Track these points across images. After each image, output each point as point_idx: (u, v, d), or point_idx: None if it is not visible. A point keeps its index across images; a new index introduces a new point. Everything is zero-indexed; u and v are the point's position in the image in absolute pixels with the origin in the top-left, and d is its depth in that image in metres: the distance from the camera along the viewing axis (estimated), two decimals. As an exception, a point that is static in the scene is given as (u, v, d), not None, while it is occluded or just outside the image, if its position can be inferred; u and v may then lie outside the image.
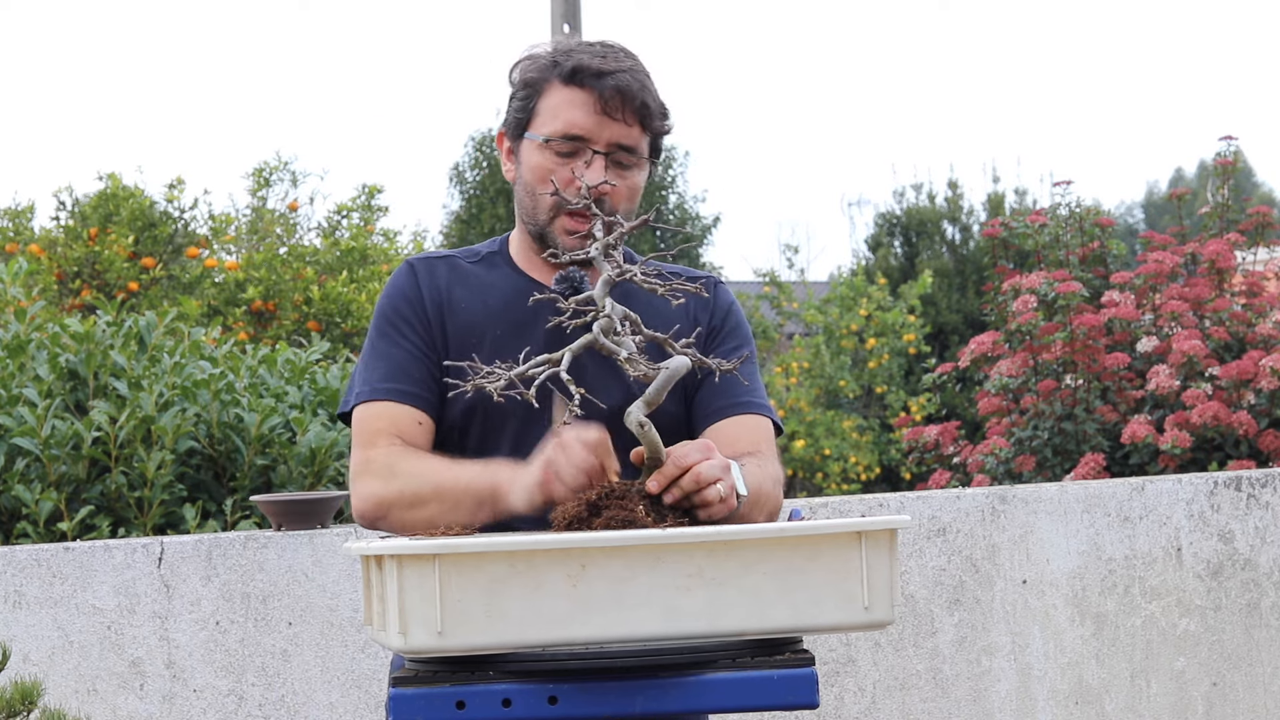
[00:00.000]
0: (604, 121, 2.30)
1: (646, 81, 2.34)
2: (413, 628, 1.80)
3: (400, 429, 2.31)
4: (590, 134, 2.31)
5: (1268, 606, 4.18)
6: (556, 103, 2.32)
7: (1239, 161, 6.50)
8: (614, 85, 2.29)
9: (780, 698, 1.88)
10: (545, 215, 2.34)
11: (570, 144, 2.31)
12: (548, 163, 2.33)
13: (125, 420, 4.31)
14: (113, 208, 10.52)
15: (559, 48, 2.36)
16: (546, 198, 2.33)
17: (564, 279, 2.32)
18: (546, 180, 2.32)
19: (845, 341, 14.98)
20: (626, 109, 2.30)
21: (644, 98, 2.32)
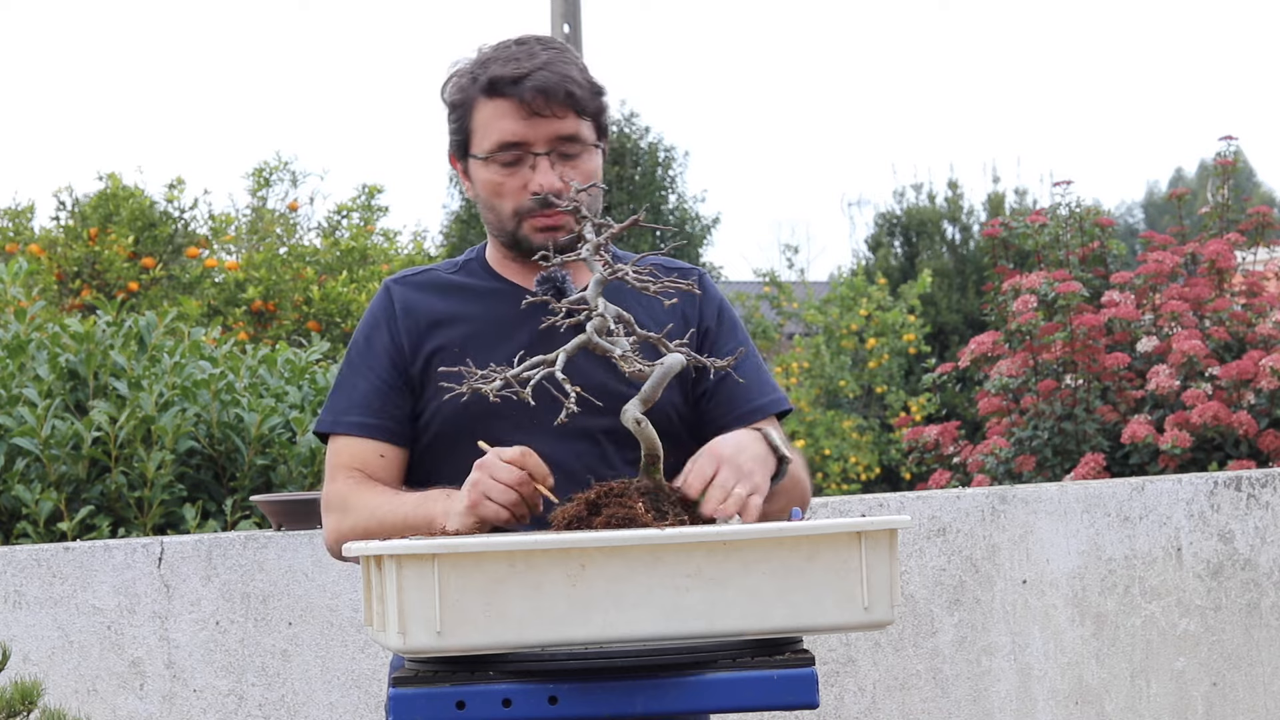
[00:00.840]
0: (535, 122, 2.30)
1: (567, 70, 2.32)
2: (412, 628, 1.80)
3: (361, 462, 2.34)
4: (526, 138, 2.31)
5: (1268, 606, 4.18)
6: (485, 118, 2.33)
7: (1239, 161, 6.50)
8: (533, 86, 2.29)
9: (780, 698, 1.88)
10: (511, 224, 2.35)
11: (511, 153, 2.32)
12: (496, 176, 2.33)
13: (125, 420, 4.31)
14: (113, 208, 10.53)
15: (477, 60, 2.36)
16: (506, 209, 2.34)
17: (546, 280, 2.32)
18: (501, 194, 2.34)
19: (845, 341, 14.98)
20: (553, 104, 2.30)
21: (567, 88, 2.31)
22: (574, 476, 2.26)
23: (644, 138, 19.07)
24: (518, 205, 2.33)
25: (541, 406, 2.25)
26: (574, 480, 2.25)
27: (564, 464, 2.26)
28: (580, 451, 2.30)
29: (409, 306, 2.38)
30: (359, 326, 2.44)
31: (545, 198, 2.31)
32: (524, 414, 2.26)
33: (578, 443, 2.29)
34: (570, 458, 2.28)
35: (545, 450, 2.24)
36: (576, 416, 2.26)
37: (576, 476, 2.26)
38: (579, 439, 2.29)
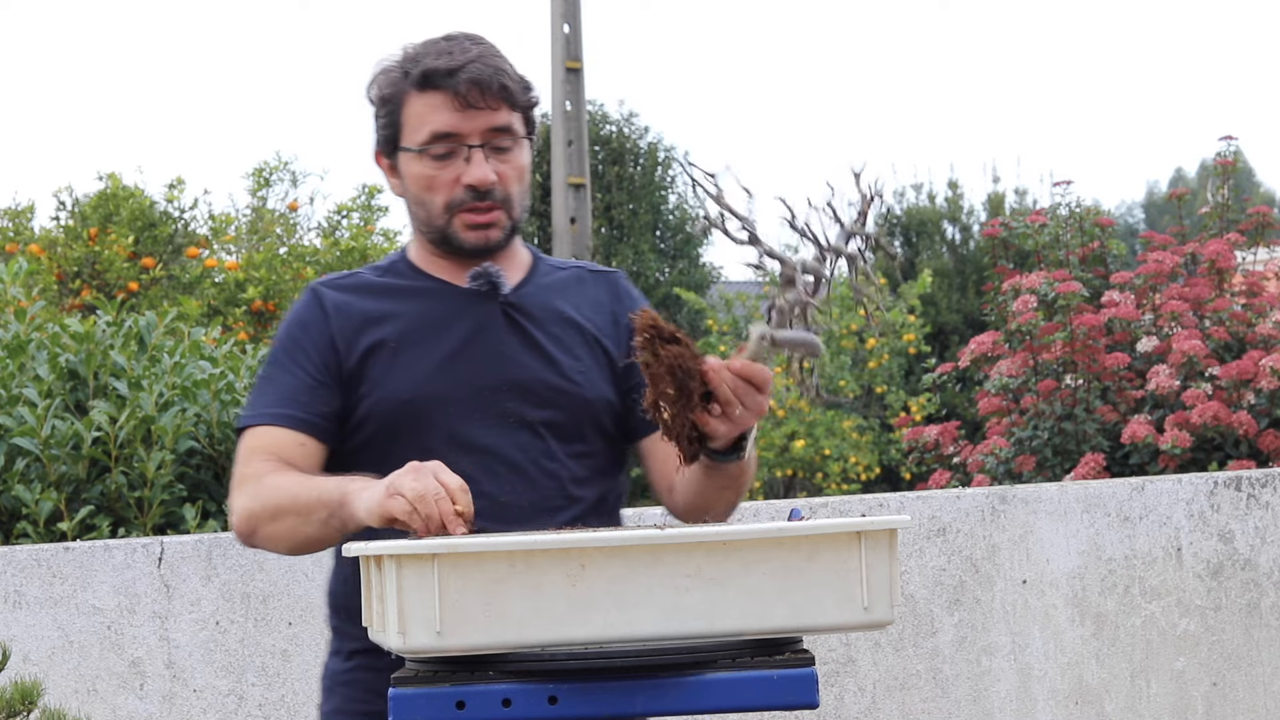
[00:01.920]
0: (469, 115, 2.28)
1: (499, 63, 2.32)
2: (412, 628, 1.80)
3: (279, 450, 2.29)
4: (460, 130, 2.29)
5: (1268, 606, 4.18)
6: (418, 111, 2.30)
7: (1239, 161, 6.50)
8: (468, 78, 2.28)
9: (780, 698, 1.88)
10: (441, 219, 2.33)
11: (444, 145, 2.29)
12: (428, 170, 2.31)
13: (125, 420, 4.31)
14: (113, 208, 10.53)
15: (406, 56, 2.34)
16: (437, 203, 2.32)
17: (480, 274, 2.32)
18: (432, 187, 2.31)
19: (845, 341, 14.98)
20: (488, 96, 2.29)
21: (501, 80, 2.30)
22: (517, 468, 2.29)
23: (644, 138, 19.08)
24: (449, 199, 2.30)
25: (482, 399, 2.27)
26: (517, 471, 2.29)
27: (507, 455, 2.28)
28: (523, 443, 2.30)
29: (340, 306, 2.35)
30: (283, 329, 2.39)
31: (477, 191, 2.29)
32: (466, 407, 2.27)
33: (519, 434, 2.29)
34: (513, 449, 2.29)
35: (489, 442, 2.28)
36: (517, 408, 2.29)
37: (520, 468, 2.29)
38: (521, 430, 2.30)
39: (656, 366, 2.03)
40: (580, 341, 2.37)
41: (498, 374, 2.30)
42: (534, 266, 2.42)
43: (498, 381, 2.30)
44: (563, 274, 2.44)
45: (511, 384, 2.30)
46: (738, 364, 2.08)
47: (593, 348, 2.37)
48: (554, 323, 2.36)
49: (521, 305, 2.35)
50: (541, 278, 2.40)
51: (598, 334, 2.39)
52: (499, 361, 2.31)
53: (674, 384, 2.03)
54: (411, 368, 2.30)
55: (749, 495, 8.79)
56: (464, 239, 2.32)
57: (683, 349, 2.03)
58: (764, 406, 2.10)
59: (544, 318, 2.36)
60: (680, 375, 2.03)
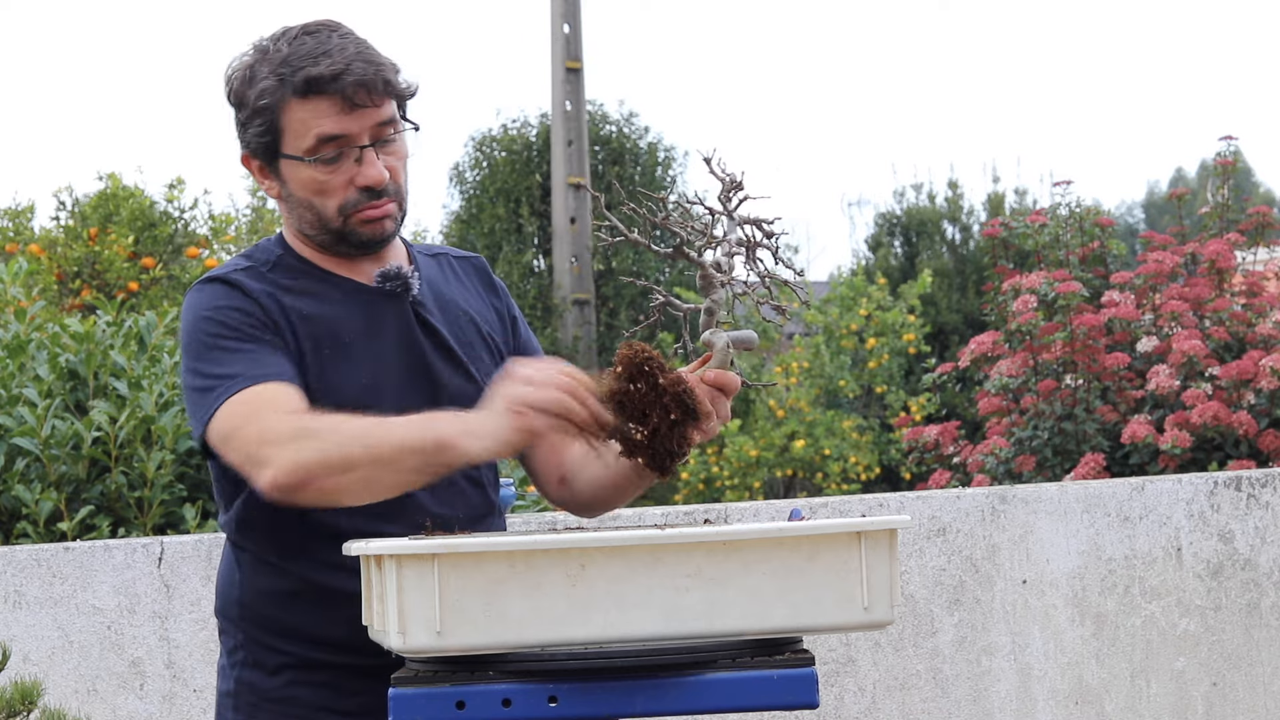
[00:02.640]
0: (357, 115, 2.22)
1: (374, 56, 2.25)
2: (412, 627, 1.80)
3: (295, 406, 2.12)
4: (348, 132, 2.22)
5: (1268, 606, 4.18)
6: (302, 117, 2.22)
7: (1239, 161, 6.50)
8: (354, 81, 2.20)
9: (780, 698, 1.88)
10: (336, 221, 2.25)
11: (333, 148, 2.22)
12: (319, 175, 2.23)
13: (125, 420, 4.31)
14: (113, 208, 10.53)
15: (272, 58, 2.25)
16: (330, 207, 2.24)
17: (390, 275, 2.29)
18: (324, 192, 2.24)
19: (845, 341, 14.98)
20: (373, 95, 2.22)
21: (384, 76, 2.23)
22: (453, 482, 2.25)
23: (644, 138, 19.08)
24: (343, 201, 2.23)
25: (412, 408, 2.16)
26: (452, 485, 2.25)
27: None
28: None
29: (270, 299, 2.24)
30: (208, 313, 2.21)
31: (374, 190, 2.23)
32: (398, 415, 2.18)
33: None
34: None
35: None
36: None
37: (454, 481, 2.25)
38: None
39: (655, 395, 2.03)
40: (479, 339, 2.35)
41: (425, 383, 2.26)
42: (411, 258, 2.37)
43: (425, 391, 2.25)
44: (435, 263, 2.40)
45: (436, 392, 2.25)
46: (710, 375, 2.11)
47: (488, 344, 2.36)
48: (456, 323, 2.33)
49: (425, 304, 2.31)
50: (424, 270, 2.36)
51: (490, 330, 2.37)
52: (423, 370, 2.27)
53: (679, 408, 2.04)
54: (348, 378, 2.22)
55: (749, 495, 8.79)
56: (361, 234, 2.25)
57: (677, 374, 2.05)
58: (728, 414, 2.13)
59: (447, 317, 2.32)
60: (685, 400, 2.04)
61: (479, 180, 18.76)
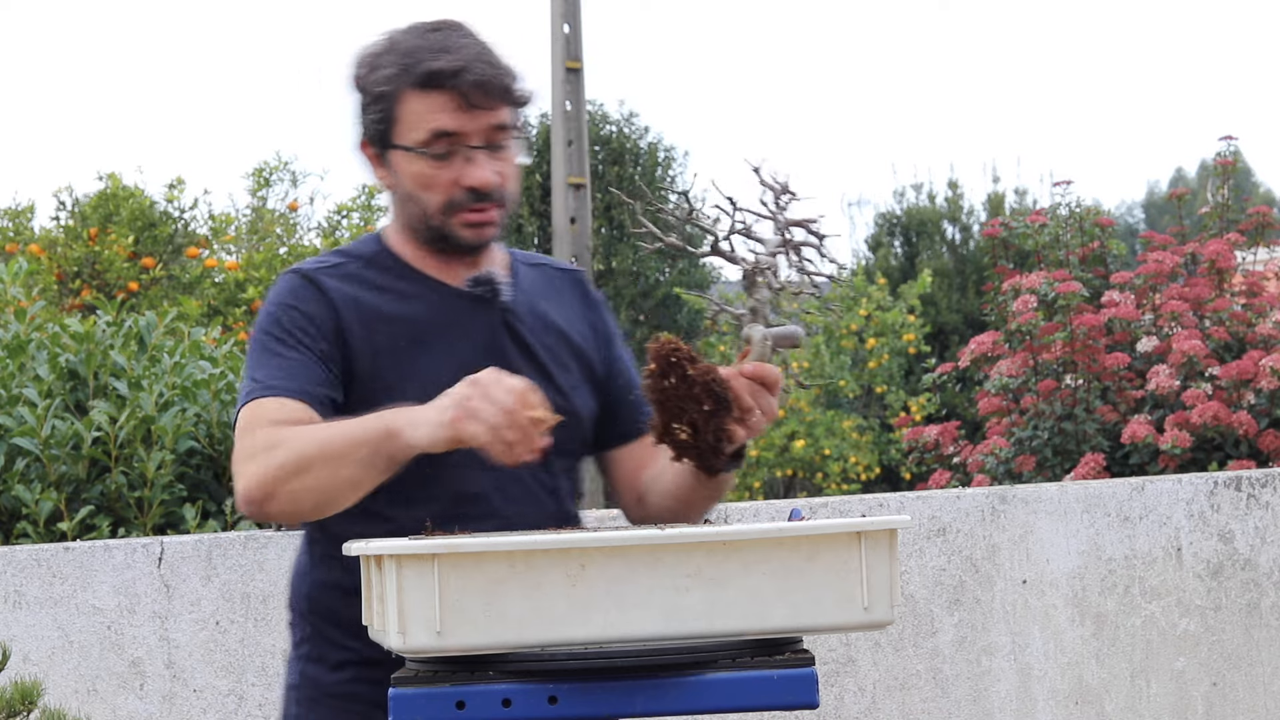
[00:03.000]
0: (473, 115, 2.22)
1: (495, 59, 2.25)
2: (412, 627, 1.80)
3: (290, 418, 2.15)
4: (462, 130, 2.23)
5: (1268, 606, 4.18)
6: (418, 110, 2.23)
7: (1239, 161, 6.50)
8: (473, 80, 2.21)
9: (780, 698, 1.88)
10: (438, 218, 2.26)
11: (445, 144, 2.23)
12: (426, 169, 2.24)
13: (125, 420, 4.31)
14: (113, 208, 10.54)
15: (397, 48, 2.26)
16: (435, 202, 2.24)
17: (481, 281, 2.29)
18: (430, 186, 2.24)
19: (845, 341, 14.98)
20: (489, 98, 2.23)
21: (504, 81, 2.24)
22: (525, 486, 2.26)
23: (644, 138, 19.08)
24: (449, 199, 2.24)
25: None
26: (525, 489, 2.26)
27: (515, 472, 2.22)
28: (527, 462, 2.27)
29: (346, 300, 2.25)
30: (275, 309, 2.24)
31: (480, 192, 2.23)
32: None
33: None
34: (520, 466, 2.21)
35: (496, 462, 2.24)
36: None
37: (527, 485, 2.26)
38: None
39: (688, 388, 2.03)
40: (569, 353, 2.34)
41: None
42: (512, 266, 2.37)
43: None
44: (535, 273, 2.39)
45: None
46: (749, 368, 2.08)
47: (579, 359, 2.35)
48: (547, 332, 2.33)
49: (518, 312, 2.31)
50: (522, 279, 2.36)
51: (582, 344, 2.36)
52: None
53: (712, 400, 2.04)
54: (424, 380, 2.21)
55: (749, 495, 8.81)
56: (462, 237, 2.26)
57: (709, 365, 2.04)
58: (775, 409, 2.11)
59: (537, 327, 2.32)
60: (716, 389, 2.04)
61: (479, 180, 18.74)
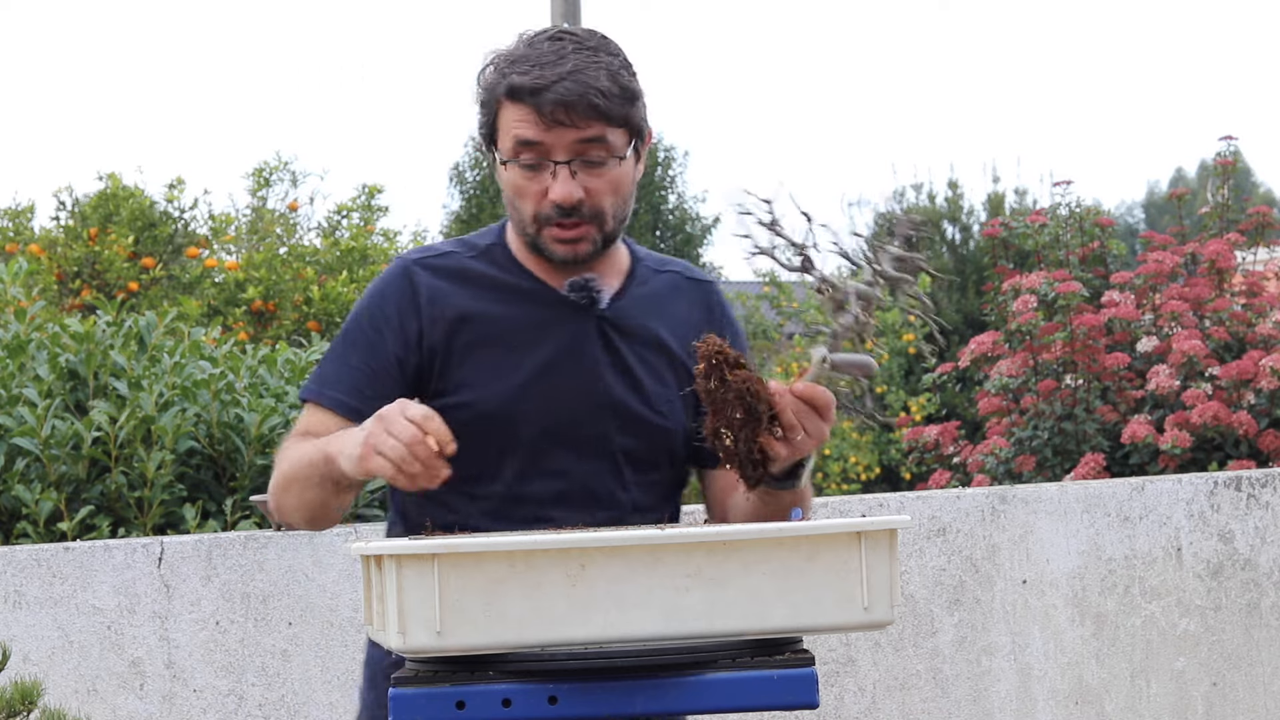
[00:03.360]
0: (556, 131, 2.20)
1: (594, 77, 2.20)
2: (412, 627, 1.80)
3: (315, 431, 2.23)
4: (545, 142, 2.21)
5: (1268, 606, 4.18)
6: (508, 121, 2.23)
7: (1239, 161, 6.50)
8: (553, 99, 2.18)
9: (780, 698, 1.88)
10: (531, 228, 2.25)
11: (531, 156, 2.21)
12: (517, 179, 2.23)
13: (125, 420, 4.31)
14: (113, 208, 10.53)
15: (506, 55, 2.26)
16: (527, 212, 2.24)
17: (578, 286, 2.27)
18: (522, 195, 2.24)
19: (846, 343, 14.96)
20: (573, 115, 2.19)
21: (590, 99, 2.19)
22: (592, 493, 2.24)
23: (644, 138, 19.07)
24: (537, 211, 2.23)
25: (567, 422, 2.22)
26: (592, 497, 2.24)
27: (582, 479, 2.24)
28: (599, 469, 2.25)
29: (435, 296, 2.27)
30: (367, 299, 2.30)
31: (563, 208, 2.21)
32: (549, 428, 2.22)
33: (598, 460, 2.25)
34: (588, 475, 2.25)
35: (566, 466, 2.23)
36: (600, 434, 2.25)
37: (594, 493, 2.24)
38: (599, 456, 2.25)
39: (724, 392, 2.02)
40: (668, 366, 2.31)
41: (586, 398, 2.25)
42: (632, 272, 2.34)
43: (585, 406, 2.24)
44: (660, 280, 2.36)
45: (598, 410, 2.24)
46: (800, 387, 2.06)
47: (679, 373, 2.31)
48: (646, 344, 2.30)
49: (617, 321, 2.28)
50: (638, 286, 2.33)
51: (686, 358, 2.31)
52: (589, 384, 2.25)
53: (743, 408, 2.03)
54: (499, 379, 2.23)
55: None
56: (553, 251, 2.25)
57: (748, 373, 2.03)
58: (825, 433, 2.08)
59: (637, 337, 2.29)
60: (749, 399, 2.03)
61: (479, 180, 18.77)
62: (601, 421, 2.24)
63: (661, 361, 2.31)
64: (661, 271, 2.38)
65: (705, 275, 2.44)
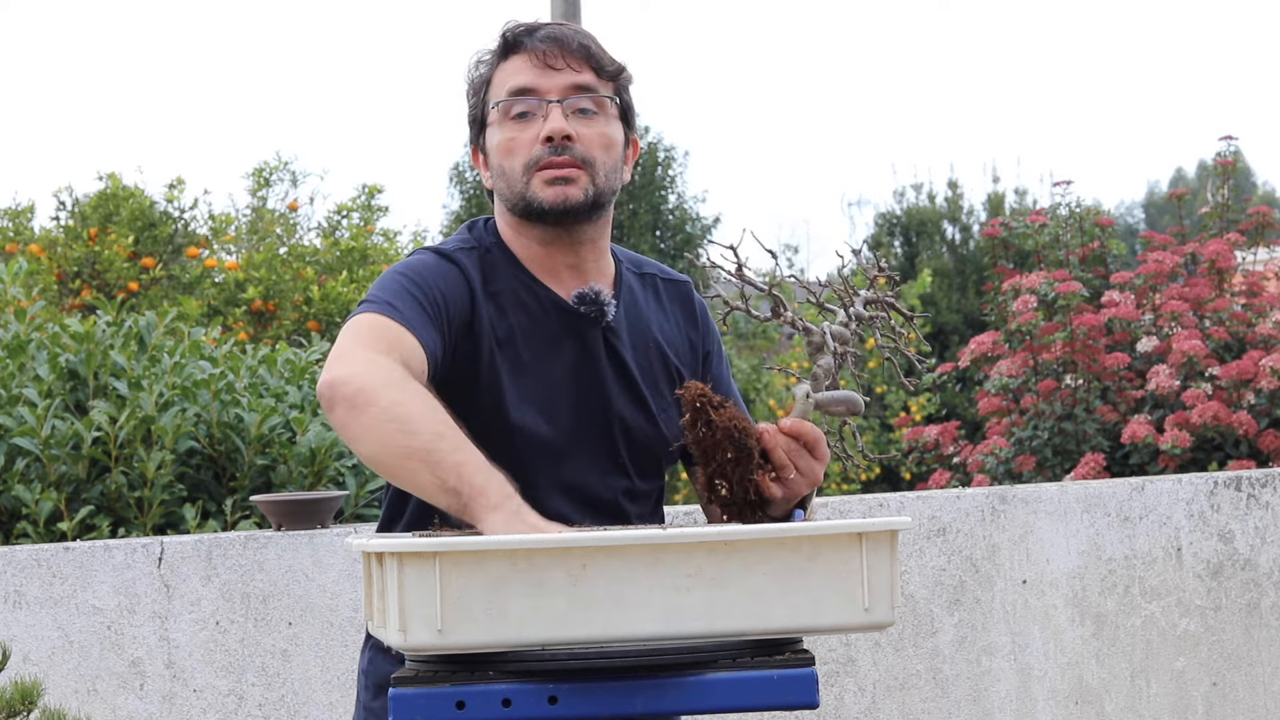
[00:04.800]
0: (548, 73, 2.23)
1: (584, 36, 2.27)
2: (413, 625, 1.80)
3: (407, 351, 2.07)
4: (538, 85, 2.23)
5: (1268, 606, 4.18)
6: (501, 79, 2.26)
7: (1239, 161, 6.50)
8: (546, 35, 2.24)
9: (780, 698, 1.88)
10: (521, 183, 2.23)
11: (523, 102, 2.23)
12: (508, 133, 2.23)
13: (125, 420, 4.31)
14: (113, 208, 10.53)
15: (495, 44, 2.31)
16: (517, 165, 2.23)
17: (585, 298, 2.26)
18: (512, 150, 2.23)
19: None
20: (567, 55, 2.23)
21: (581, 41, 2.25)
22: (604, 506, 2.25)
23: (644, 137, 19.09)
24: (528, 158, 2.22)
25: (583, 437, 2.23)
26: (604, 509, 2.25)
27: (596, 492, 2.24)
28: (611, 483, 2.26)
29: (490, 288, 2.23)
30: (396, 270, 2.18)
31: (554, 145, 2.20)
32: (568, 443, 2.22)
33: (609, 474, 2.26)
34: (602, 487, 2.25)
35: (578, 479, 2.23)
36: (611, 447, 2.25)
37: (606, 506, 2.25)
38: (611, 470, 2.26)
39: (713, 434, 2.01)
40: (664, 374, 2.32)
41: (601, 414, 2.25)
42: (619, 276, 2.34)
43: (600, 420, 2.25)
44: (640, 283, 2.36)
45: (610, 425, 2.25)
46: (788, 423, 2.06)
47: (671, 375, 2.32)
48: (645, 352, 2.30)
49: (619, 331, 2.29)
50: (627, 294, 2.33)
51: (677, 362, 2.34)
52: (602, 400, 2.25)
53: (733, 446, 2.02)
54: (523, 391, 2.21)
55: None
56: (542, 197, 2.22)
57: (732, 411, 2.02)
58: (817, 473, 2.07)
59: (637, 346, 2.30)
60: (738, 436, 2.02)
61: (479, 180, 18.77)
62: (609, 435, 2.25)
63: (659, 369, 2.31)
64: (640, 273, 2.39)
65: (680, 275, 2.45)
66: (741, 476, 2.03)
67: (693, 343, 2.39)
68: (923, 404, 13.56)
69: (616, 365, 2.27)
